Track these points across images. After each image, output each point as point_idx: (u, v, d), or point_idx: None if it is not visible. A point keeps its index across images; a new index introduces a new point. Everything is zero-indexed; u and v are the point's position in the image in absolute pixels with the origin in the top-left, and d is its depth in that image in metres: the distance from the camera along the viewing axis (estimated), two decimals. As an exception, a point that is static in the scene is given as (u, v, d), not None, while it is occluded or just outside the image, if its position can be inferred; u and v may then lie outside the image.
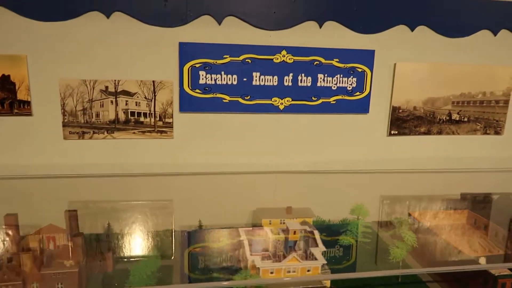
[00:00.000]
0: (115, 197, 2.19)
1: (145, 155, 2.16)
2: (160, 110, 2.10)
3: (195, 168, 2.22)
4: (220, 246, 1.85)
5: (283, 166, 2.29)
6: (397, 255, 1.75)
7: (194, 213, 2.24)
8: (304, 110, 2.20)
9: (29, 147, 2.05)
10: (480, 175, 2.40)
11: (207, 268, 1.74)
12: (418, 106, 2.31)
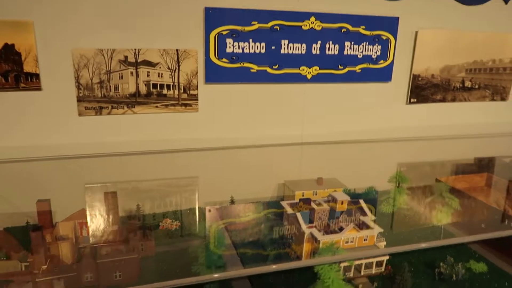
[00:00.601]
0: (137, 177, 2.04)
1: (169, 131, 2.01)
2: (184, 81, 1.95)
3: (221, 142, 2.12)
4: (265, 220, 1.79)
5: (308, 137, 2.24)
6: (442, 219, 1.78)
7: (221, 189, 2.14)
8: (330, 79, 2.16)
9: (40, 126, 1.84)
10: (489, 140, 2.51)
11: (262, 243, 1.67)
12: (435, 74, 2.34)
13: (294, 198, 2.11)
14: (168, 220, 1.88)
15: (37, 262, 1.36)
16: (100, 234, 1.49)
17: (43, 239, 1.37)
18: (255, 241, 1.63)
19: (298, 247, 1.67)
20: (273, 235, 1.68)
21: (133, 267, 1.40)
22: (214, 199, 2.24)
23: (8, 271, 1.42)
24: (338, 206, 1.78)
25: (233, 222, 1.78)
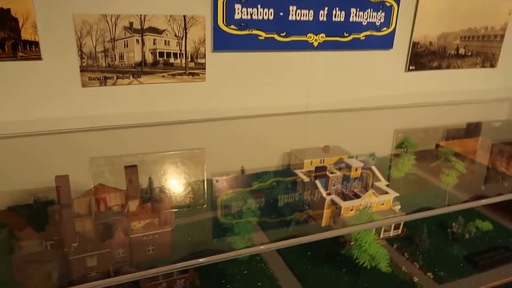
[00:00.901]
0: (144, 149, 1.98)
1: (176, 101, 1.95)
2: (191, 49, 1.88)
3: (227, 112, 2.08)
4: (283, 189, 1.80)
5: (312, 106, 2.25)
6: (450, 182, 1.87)
7: (228, 160, 2.13)
8: (336, 47, 2.15)
9: (40, 98, 1.73)
10: (481, 105, 2.61)
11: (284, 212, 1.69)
12: (433, 41, 2.38)
13: (303, 166, 2.14)
14: (181, 193, 1.86)
15: (66, 240, 1.30)
16: (128, 208, 1.45)
17: (70, 216, 1.32)
18: (278, 210, 1.65)
19: (319, 213, 1.70)
20: (293, 203, 1.70)
21: (166, 241, 1.38)
22: (221, 169, 2.23)
23: (34, 251, 1.36)
24: (352, 172, 1.82)
25: (250, 191, 1.78)
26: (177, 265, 1.34)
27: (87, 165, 1.85)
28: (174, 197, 1.63)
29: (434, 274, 1.49)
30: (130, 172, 1.51)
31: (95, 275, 1.32)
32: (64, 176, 1.44)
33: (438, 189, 1.89)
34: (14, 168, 1.81)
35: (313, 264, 1.54)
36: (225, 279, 1.44)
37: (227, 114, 2.08)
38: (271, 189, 1.76)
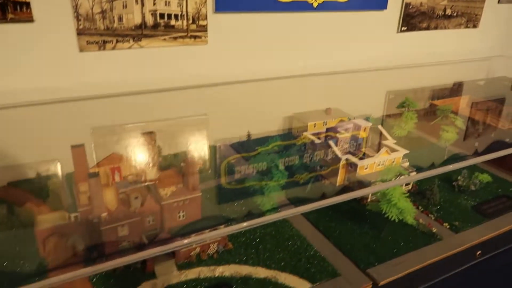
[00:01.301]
0: (146, 117, 1.90)
1: (177, 65, 1.87)
2: (192, 10, 1.80)
3: (227, 77, 2.03)
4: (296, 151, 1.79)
5: (310, 68, 2.24)
6: (449, 138, 1.94)
7: (231, 125, 2.09)
8: (334, 7, 2.12)
9: (35, 65, 1.60)
10: (465, 65, 2.71)
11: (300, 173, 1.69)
12: (423, 2, 2.41)
13: (307, 129, 2.14)
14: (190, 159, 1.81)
15: (95, 211, 1.24)
16: (153, 175, 1.39)
17: (98, 186, 1.25)
18: (293, 172, 1.65)
19: (334, 173, 1.72)
20: (307, 165, 1.70)
21: (196, 206, 1.35)
22: (225, 135, 2.19)
23: (58, 224, 1.29)
24: (361, 132, 1.84)
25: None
26: (211, 234, 1.32)
27: (89, 135, 1.75)
28: (195, 162, 1.58)
29: (450, 224, 1.56)
30: (149, 138, 1.45)
31: (127, 245, 1.28)
32: (80, 145, 1.35)
33: (439, 145, 1.97)
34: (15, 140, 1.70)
35: (336, 221, 1.57)
36: (255, 241, 1.44)
37: (228, 78, 2.02)
38: (284, 152, 1.75)
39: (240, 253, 1.37)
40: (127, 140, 1.65)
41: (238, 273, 1.29)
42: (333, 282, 1.27)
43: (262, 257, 1.36)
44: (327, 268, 1.32)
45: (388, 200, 1.38)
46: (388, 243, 1.44)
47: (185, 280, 1.25)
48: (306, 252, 1.39)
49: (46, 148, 1.74)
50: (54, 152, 1.77)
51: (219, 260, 1.34)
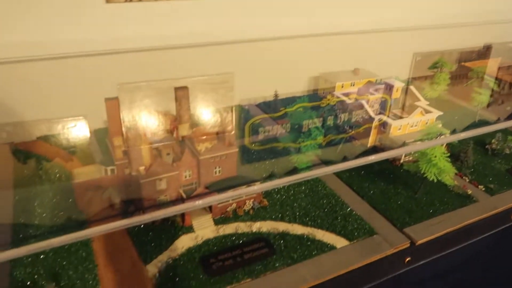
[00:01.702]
0: (172, 74, 1.85)
1: (203, 21, 1.80)
2: (223, -39, 1.70)
3: (256, 34, 1.96)
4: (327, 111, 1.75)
5: (336, 27, 2.15)
6: (482, 101, 1.89)
7: (256, 84, 2.04)
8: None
9: (59, 16, 1.53)
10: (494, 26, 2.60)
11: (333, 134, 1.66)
12: (459, -42, 2.28)
13: (334, 89, 2.10)
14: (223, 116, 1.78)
15: (133, 164, 1.23)
16: (187, 131, 1.36)
17: (134, 139, 1.23)
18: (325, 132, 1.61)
19: (366, 133, 1.69)
20: (339, 124, 1.67)
21: (232, 162, 1.33)
22: (251, 95, 2.15)
23: (94, 177, 1.28)
24: (394, 93, 1.79)
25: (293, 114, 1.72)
26: (249, 189, 1.31)
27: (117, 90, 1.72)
28: (228, 120, 1.55)
29: (485, 187, 1.54)
30: (181, 94, 1.41)
31: (164, 199, 1.27)
32: (114, 98, 1.32)
33: (471, 108, 1.92)
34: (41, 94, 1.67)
35: (369, 181, 1.55)
36: (289, 199, 1.43)
37: (254, 35, 1.95)
38: (314, 111, 1.71)
39: (276, 210, 1.36)
40: (157, 96, 1.62)
41: (275, 229, 1.28)
42: (371, 240, 1.26)
43: (298, 215, 1.35)
44: (364, 226, 1.31)
45: (428, 160, 1.35)
46: (424, 204, 1.43)
47: (223, 235, 1.25)
48: (342, 210, 1.38)
49: (72, 103, 1.71)
50: (81, 107, 1.74)
51: (255, 217, 1.33)
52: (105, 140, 1.76)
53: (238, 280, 1.10)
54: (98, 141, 1.76)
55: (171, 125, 1.46)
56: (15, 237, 1.19)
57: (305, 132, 1.47)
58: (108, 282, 1.08)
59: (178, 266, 1.13)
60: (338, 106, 1.80)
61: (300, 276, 1.13)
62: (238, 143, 1.64)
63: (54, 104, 1.73)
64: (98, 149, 1.74)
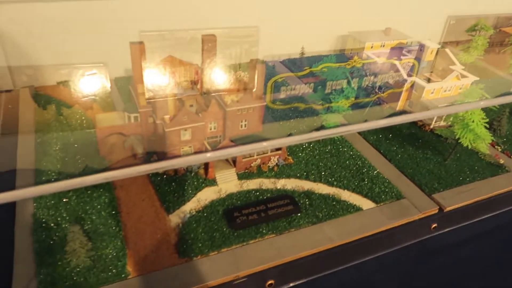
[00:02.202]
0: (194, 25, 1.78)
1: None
2: None
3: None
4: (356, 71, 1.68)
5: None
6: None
7: (282, 40, 1.96)
8: None
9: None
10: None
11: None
12: None
13: (363, 49, 2.00)
14: (240, 72, 1.71)
15: (158, 112, 1.19)
16: (214, 82, 1.31)
17: (161, 87, 1.18)
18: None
19: (396, 96, 1.62)
20: (368, 85, 1.59)
21: (258, 117, 1.28)
22: (276, 51, 2.07)
23: (118, 124, 1.24)
24: (427, 55, 1.70)
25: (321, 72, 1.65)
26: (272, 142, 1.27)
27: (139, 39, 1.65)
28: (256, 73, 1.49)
29: (518, 157, 1.48)
30: (208, 43, 1.34)
31: (188, 150, 1.24)
32: (139, 42, 1.26)
33: (508, 75, 1.83)
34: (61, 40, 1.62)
35: (397, 145, 1.49)
36: (315, 158, 1.38)
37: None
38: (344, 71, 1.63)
39: (301, 169, 1.33)
40: (180, 46, 1.55)
41: (300, 188, 1.25)
42: (399, 204, 1.23)
43: (324, 174, 1.31)
44: (392, 189, 1.27)
45: (465, 125, 1.29)
46: (453, 170, 1.38)
47: (247, 190, 1.22)
48: (369, 172, 1.33)
49: (93, 49, 1.67)
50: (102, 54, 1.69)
51: (280, 174, 1.30)
52: (128, 87, 1.71)
53: (262, 235, 1.08)
54: (119, 89, 1.71)
55: (195, 76, 1.41)
56: (37, 180, 1.18)
57: (337, 91, 1.40)
58: (131, 229, 1.07)
59: (201, 218, 1.11)
60: (367, 66, 1.72)
61: (325, 235, 1.11)
62: (269, 99, 1.58)
63: (75, 49, 1.68)
64: (119, 97, 1.71)
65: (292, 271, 1.05)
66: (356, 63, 1.75)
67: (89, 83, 1.71)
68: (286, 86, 1.62)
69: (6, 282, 0.91)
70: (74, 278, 0.92)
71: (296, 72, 1.93)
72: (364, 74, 1.65)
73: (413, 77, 1.61)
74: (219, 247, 1.04)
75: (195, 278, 0.97)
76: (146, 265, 0.98)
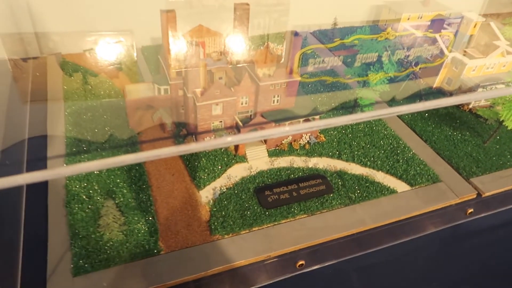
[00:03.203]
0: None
1: None
2: None
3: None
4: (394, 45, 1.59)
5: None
6: None
7: (311, 10, 1.88)
8: None
9: None
10: None
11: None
12: None
13: (399, 21, 1.91)
14: (271, 44, 1.65)
15: (189, 85, 1.15)
16: (246, 55, 1.26)
17: (194, 58, 1.14)
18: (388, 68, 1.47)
19: (437, 72, 1.54)
20: (404, 60, 1.51)
21: (292, 92, 1.23)
22: (303, 21, 1.99)
23: (148, 96, 1.21)
24: (471, 30, 1.60)
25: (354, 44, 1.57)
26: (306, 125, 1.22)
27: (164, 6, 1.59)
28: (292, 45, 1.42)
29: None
30: (241, 12, 1.28)
31: (219, 125, 1.21)
32: (171, 10, 1.21)
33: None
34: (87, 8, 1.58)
35: (433, 125, 1.43)
36: (347, 136, 1.34)
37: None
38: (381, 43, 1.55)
39: (333, 147, 1.29)
40: (208, 15, 1.49)
41: (332, 167, 1.21)
42: (435, 188, 1.18)
43: (356, 154, 1.27)
44: (428, 172, 1.22)
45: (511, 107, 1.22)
46: (493, 154, 1.32)
47: (278, 168, 1.19)
48: (404, 153, 1.28)
49: (119, 17, 1.63)
50: (128, 21, 1.65)
51: (311, 152, 1.26)
52: (155, 57, 1.67)
53: (294, 215, 1.06)
54: (146, 59, 1.67)
55: (225, 47, 1.36)
56: (68, 150, 1.17)
57: (375, 65, 1.34)
58: (162, 204, 1.06)
59: (232, 195, 1.09)
60: (404, 39, 1.64)
61: (359, 217, 1.08)
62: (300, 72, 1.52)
63: (102, 16, 1.64)
64: (146, 67, 1.67)
65: (323, 252, 1.03)
66: (389, 35, 1.67)
67: (115, 51, 1.68)
68: (314, 59, 1.55)
69: (42, 253, 0.92)
70: (108, 252, 0.92)
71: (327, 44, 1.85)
72: (400, 47, 1.57)
73: (453, 52, 1.52)
74: (251, 226, 1.02)
75: (227, 257, 0.96)
76: (178, 241, 0.98)
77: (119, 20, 1.67)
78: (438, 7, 1.96)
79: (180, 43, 1.25)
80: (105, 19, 1.66)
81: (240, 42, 1.32)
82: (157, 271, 0.91)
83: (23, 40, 1.65)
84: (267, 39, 1.74)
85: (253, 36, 1.57)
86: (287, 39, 1.33)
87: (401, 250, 1.07)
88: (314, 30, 1.99)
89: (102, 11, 1.61)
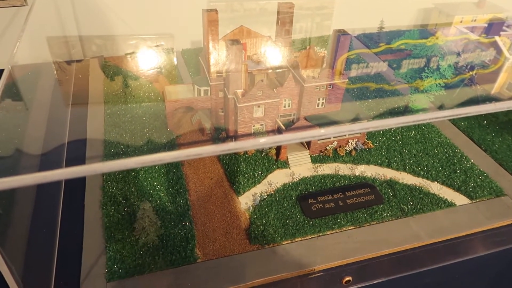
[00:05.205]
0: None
1: None
2: None
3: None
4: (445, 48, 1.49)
5: None
6: None
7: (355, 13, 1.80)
8: None
9: None
10: None
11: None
12: None
13: (451, 24, 1.79)
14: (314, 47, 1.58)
15: (231, 86, 1.10)
16: (288, 56, 1.20)
17: (236, 58, 1.09)
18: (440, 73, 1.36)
19: (495, 77, 1.42)
20: (459, 65, 1.40)
21: (338, 95, 1.16)
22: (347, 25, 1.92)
23: (187, 97, 1.18)
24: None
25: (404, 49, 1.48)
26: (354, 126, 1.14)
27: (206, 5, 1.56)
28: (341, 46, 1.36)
29: None
30: (285, 13, 1.23)
31: (260, 128, 1.15)
32: (213, 10, 1.18)
33: None
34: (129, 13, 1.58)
35: (493, 133, 1.31)
36: (397, 143, 1.24)
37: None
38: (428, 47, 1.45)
39: (382, 155, 1.19)
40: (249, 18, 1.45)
41: (381, 176, 1.12)
42: (499, 202, 1.07)
43: (408, 162, 1.17)
44: (490, 185, 1.10)
45: None
46: None
47: (322, 175, 1.11)
48: (461, 163, 1.17)
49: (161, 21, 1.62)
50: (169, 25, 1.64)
51: (358, 159, 1.18)
52: (195, 60, 1.65)
53: (340, 226, 0.98)
54: (186, 62, 1.65)
55: (266, 49, 1.30)
56: (106, 151, 1.15)
57: (430, 68, 1.24)
58: (200, 209, 1.00)
59: (273, 202, 1.03)
60: (457, 43, 1.53)
61: (412, 231, 0.98)
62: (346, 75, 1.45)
63: (144, 20, 1.64)
64: (185, 70, 1.65)
65: (372, 268, 0.94)
66: (438, 40, 1.57)
67: (156, 54, 1.67)
68: (358, 64, 1.48)
69: (77, 255, 0.89)
70: (143, 257, 0.88)
71: (373, 48, 1.78)
72: (454, 50, 1.46)
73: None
74: (293, 236, 0.95)
75: (267, 268, 0.89)
76: (215, 249, 0.92)
77: (160, 24, 1.67)
78: (494, 9, 1.83)
79: (221, 44, 1.21)
80: (146, 23, 1.66)
81: (282, 45, 1.27)
82: (193, 281, 0.85)
83: (68, 43, 1.67)
84: (309, 42, 1.68)
85: (295, 39, 1.51)
86: (332, 40, 1.26)
87: (461, 269, 0.96)
88: (359, 34, 1.91)
89: (144, 15, 1.61)
